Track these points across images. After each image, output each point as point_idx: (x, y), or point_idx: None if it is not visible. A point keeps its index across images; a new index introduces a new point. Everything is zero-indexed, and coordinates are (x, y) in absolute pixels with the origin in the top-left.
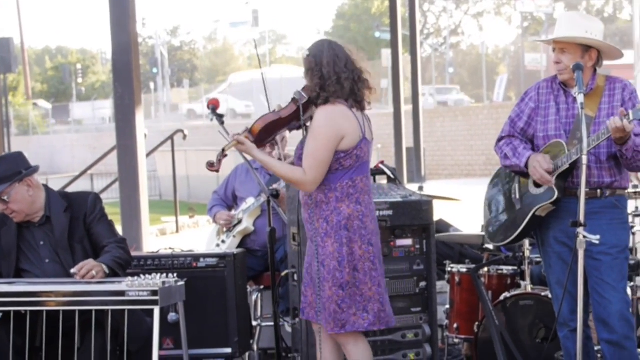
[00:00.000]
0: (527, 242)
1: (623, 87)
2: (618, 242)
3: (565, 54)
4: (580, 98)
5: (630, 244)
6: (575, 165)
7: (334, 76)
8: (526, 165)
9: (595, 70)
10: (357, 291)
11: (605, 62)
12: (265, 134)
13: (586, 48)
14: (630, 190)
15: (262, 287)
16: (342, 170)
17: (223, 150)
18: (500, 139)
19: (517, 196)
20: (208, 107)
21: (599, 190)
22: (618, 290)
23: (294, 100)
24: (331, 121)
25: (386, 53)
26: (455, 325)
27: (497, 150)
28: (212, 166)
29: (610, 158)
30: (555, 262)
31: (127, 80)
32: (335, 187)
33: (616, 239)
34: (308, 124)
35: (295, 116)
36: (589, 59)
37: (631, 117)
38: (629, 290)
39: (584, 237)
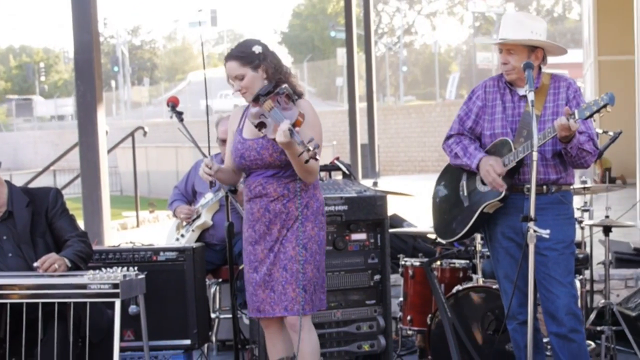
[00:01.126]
0: (478, 236)
1: (567, 85)
2: (564, 237)
3: (512, 55)
4: (530, 96)
5: (579, 238)
6: (522, 163)
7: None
8: (477, 167)
9: (540, 69)
10: (323, 274)
11: (556, 61)
12: None
13: (532, 48)
14: (579, 185)
15: (220, 280)
16: None
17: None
18: (448, 137)
19: (465, 193)
20: (168, 105)
21: (545, 187)
22: (565, 284)
23: (286, 95)
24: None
25: (341, 52)
26: (408, 318)
27: (445, 148)
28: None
29: (555, 155)
30: (503, 257)
31: (89, 78)
32: None
33: (562, 234)
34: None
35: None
36: (535, 58)
37: (577, 117)
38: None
39: (535, 231)
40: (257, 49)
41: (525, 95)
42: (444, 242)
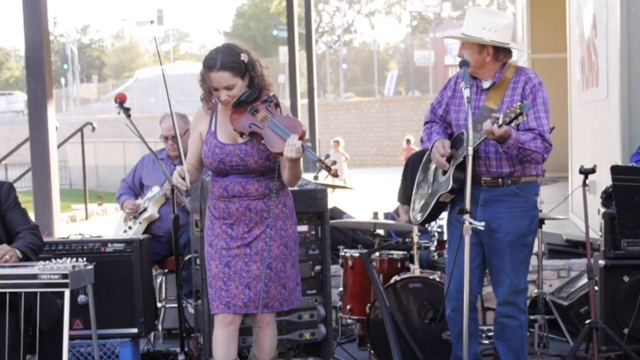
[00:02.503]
0: (415, 228)
1: (526, 80)
2: (515, 229)
3: (466, 50)
4: (466, 92)
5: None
6: (476, 156)
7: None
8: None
9: (505, 63)
10: (298, 269)
11: None
12: None
13: (483, 44)
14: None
15: (166, 270)
16: None
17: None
18: (425, 124)
19: (432, 180)
20: (115, 101)
21: (500, 180)
22: (508, 274)
23: (275, 103)
24: None
25: (283, 50)
26: (348, 307)
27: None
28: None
29: None
30: (454, 241)
31: (39, 75)
32: None
33: (513, 226)
34: None
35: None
36: (487, 54)
37: (500, 122)
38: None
39: (470, 223)
40: (244, 58)
41: (487, 89)
42: (382, 233)
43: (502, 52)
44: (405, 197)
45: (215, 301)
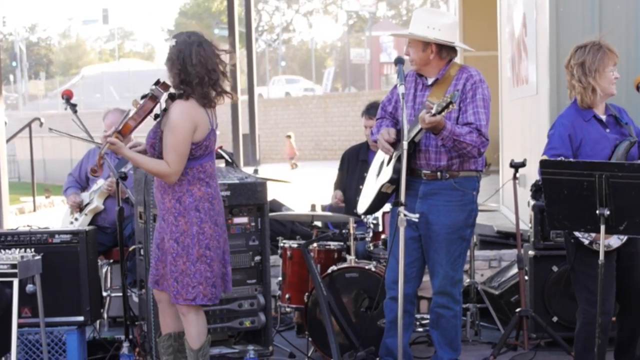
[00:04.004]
0: (352, 219)
1: (468, 77)
2: (451, 222)
3: (411, 48)
4: (401, 89)
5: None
6: (416, 149)
7: (196, 79)
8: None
9: (450, 60)
10: (207, 267)
11: None
12: (131, 132)
13: (427, 42)
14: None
15: (111, 261)
16: (192, 160)
17: (100, 156)
18: (376, 120)
19: (378, 172)
20: (62, 97)
21: (438, 173)
22: (443, 265)
23: (152, 97)
24: (187, 115)
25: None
26: (287, 296)
27: None
28: (95, 172)
29: None
30: (393, 232)
31: None
32: (187, 171)
33: (449, 219)
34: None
35: (151, 110)
36: (431, 51)
37: (433, 111)
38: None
39: (405, 215)
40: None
41: (430, 85)
42: (320, 225)
43: (445, 50)
44: (340, 185)
45: (151, 278)
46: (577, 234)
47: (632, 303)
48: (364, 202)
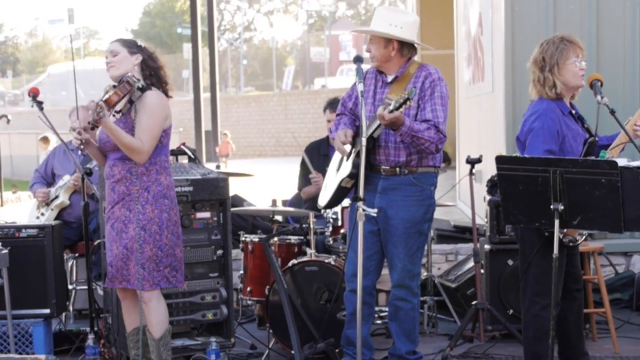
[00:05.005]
0: (312, 214)
1: (427, 75)
2: (409, 217)
3: (373, 44)
4: (360, 87)
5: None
6: (376, 145)
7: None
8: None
9: (410, 58)
10: (172, 252)
11: None
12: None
13: (388, 39)
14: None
15: (77, 254)
16: (160, 147)
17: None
18: (336, 116)
19: (338, 167)
20: (29, 95)
21: (397, 169)
22: (402, 259)
23: (127, 82)
24: (163, 101)
25: (187, 47)
26: (248, 289)
27: None
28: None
29: None
30: (354, 227)
31: None
32: (156, 161)
33: (408, 214)
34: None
35: (129, 92)
36: (392, 48)
37: (391, 107)
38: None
39: (363, 210)
40: (141, 44)
41: (390, 82)
42: (280, 219)
43: (406, 48)
44: (304, 183)
45: (109, 276)
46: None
47: (570, 285)
48: (324, 196)
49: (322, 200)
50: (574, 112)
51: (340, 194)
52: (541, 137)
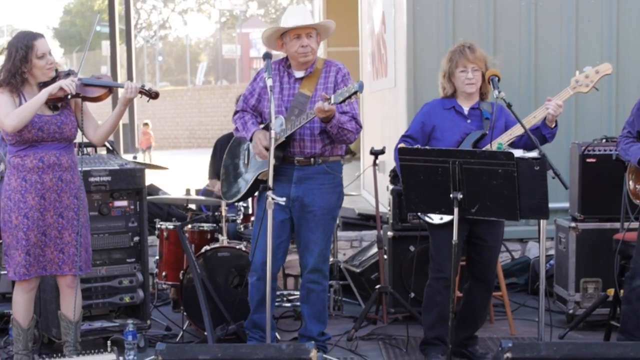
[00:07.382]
0: (224, 203)
1: (337, 70)
2: (325, 204)
3: (311, 38)
4: (269, 82)
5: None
6: (291, 138)
7: None
8: (251, 139)
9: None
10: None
11: None
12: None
13: (316, 33)
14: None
15: (1, 241)
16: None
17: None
18: (235, 113)
19: (246, 162)
20: None
21: (312, 159)
22: (318, 243)
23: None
24: None
25: (106, 44)
26: (164, 274)
27: (233, 122)
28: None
29: (323, 132)
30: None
31: None
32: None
33: (323, 201)
34: None
35: None
36: (317, 41)
37: (332, 101)
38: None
39: (273, 199)
40: None
41: (300, 78)
42: (194, 207)
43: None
44: (214, 172)
45: (33, 266)
46: (429, 216)
47: (475, 272)
48: (235, 190)
49: (233, 195)
50: (466, 109)
51: (256, 186)
52: (409, 127)
